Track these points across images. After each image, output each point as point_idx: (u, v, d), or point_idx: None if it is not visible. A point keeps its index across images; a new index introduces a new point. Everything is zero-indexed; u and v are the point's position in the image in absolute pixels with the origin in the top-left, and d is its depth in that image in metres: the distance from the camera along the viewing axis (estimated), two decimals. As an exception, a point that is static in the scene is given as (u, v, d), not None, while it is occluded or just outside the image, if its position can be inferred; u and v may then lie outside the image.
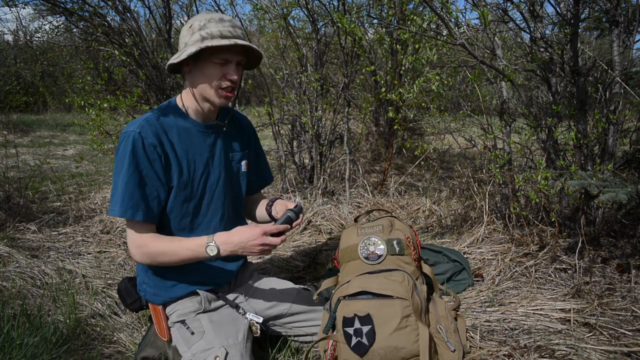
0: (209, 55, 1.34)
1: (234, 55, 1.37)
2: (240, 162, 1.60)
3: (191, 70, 1.39)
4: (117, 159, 1.35)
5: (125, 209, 1.31)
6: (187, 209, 1.45)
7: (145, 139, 1.33)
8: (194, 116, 1.46)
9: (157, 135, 1.36)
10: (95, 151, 3.73)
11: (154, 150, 1.34)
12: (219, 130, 1.52)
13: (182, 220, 1.45)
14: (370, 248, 1.53)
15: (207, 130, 1.48)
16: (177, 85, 3.33)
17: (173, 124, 1.42)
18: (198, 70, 1.38)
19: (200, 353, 1.35)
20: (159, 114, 1.41)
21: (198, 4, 4.82)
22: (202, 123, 1.47)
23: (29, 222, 2.95)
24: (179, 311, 1.46)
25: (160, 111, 1.43)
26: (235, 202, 1.60)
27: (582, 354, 1.45)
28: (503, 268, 2.11)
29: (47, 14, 3.83)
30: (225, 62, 1.36)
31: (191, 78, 1.41)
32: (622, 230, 2.28)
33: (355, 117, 4.30)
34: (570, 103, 2.29)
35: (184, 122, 1.44)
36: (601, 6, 2.12)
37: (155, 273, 1.46)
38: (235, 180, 1.59)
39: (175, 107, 1.45)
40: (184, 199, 1.43)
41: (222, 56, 1.35)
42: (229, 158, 1.56)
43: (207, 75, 1.37)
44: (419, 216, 3.04)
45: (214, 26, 1.33)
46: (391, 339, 1.27)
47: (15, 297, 1.98)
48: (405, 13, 3.26)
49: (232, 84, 1.39)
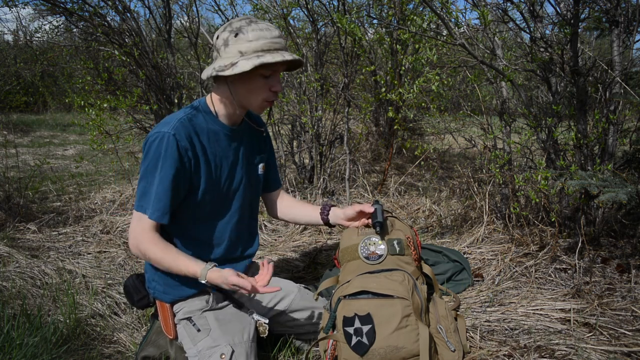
0: (259, 68, 1.31)
1: (282, 66, 1.38)
2: (258, 165, 1.62)
3: (234, 81, 1.37)
4: (148, 156, 1.33)
5: (154, 211, 1.32)
6: (209, 211, 1.46)
7: (180, 142, 1.33)
8: (224, 119, 1.46)
9: (190, 138, 1.36)
10: (95, 151, 3.73)
11: (186, 153, 1.34)
12: (243, 133, 1.53)
13: (204, 222, 1.46)
14: (370, 248, 1.53)
15: (234, 134, 1.49)
16: (177, 85, 3.33)
17: (204, 127, 1.42)
18: (242, 81, 1.36)
19: (206, 350, 1.35)
20: (191, 116, 1.40)
21: (198, 4, 4.82)
22: (229, 127, 1.47)
23: (29, 222, 2.95)
24: (185, 308, 1.46)
25: (192, 112, 1.42)
26: (252, 204, 1.62)
27: (582, 354, 1.45)
28: (503, 268, 2.11)
29: (47, 14, 3.83)
30: (271, 74, 1.36)
31: (233, 87, 1.38)
32: (622, 230, 2.28)
33: (355, 117, 4.31)
34: (570, 103, 2.29)
35: (213, 125, 1.44)
36: (601, 6, 2.12)
37: (164, 271, 1.46)
38: (255, 183, 1.61)
39: (206, 109, 1.45)
40: (208, 201, 1.44)
41: (272, 68, 1.35)
42: (250, 161, 1.57)
43: (252, 88, 1.37)
44: (419, 216, 3.04)
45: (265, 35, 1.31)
46: (391, 338, 1.27)
47: (15, 297, 1.98)
48: (405, 13, 3.26)
49: (275, 96, 1.40)
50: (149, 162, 1.33)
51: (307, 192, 3.36)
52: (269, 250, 2.59)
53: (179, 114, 1.40)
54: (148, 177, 1.33)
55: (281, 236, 2.79)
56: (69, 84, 4.93)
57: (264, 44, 1.31)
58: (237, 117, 1.48)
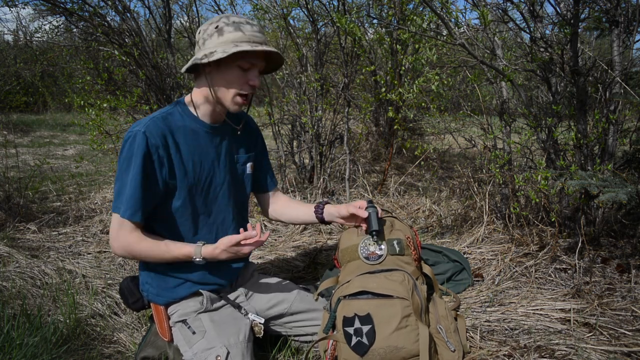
0: (236, 58, 1.32)
1: (260, 60, 1.37)
2: (245, 164, 1.60)
3: (212, 72, 1.37)
4: (122, 157, 1.34)
5: (125, 209, 1.32)
6: (192, 211, 1.45)
7: (150, 139, 1.32)
8: (204, 117, 1.45)
9: (163, 136, 1.35)
10: (95, 151, 3.73)
11: (156, 150, 1.34)
12: (226, 131, 1.51)
13: (186, 221, 1.45)
14: (370, 248, 1.53)
15: (215, 131, 1.47)
16: (177, 85, 3.33)
17: (180, 125, 1.41)
18: (220, 72, 1.36)
19: (202, 352, 1.35)
20: (167, 114, 1.40)
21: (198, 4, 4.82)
22: (210, 124, 1.46)
23: (29, 222, 2.95)
24: (180, 311, 1.45)
25: (168, 111, 1.42)
26: (239, 204, 1.60)
27: (582, 354, 1.45)
28: (503, 268, 2.11)
29: (47, 14, 3.83)
30: (249, 67, 1.36)
31: (210, 79, 1.38)
32: (622, 230, 2.28)
33: (355, 117, 4.30)
34: (570, 103, 2.29)
35: (191, 123, 1.43)
36: (601, 6, 2.12)
37: (158, 273, 1.46)
38: (240, 183, 1.59)
39: (184, 107, 1.45)
40: (188, 200, 1.43)
41: (250, 60, 1.34)
42: (234, 160, 1.55)
43: (228, 79, 1.36)
44: (419, 216, 3.04)
45: (245, 29, 1.32)
46: (391, 338, 1.27)
47: (15, 297, 1.98)
48: (405, 13, 3.26)
49: (252, 90, 1.39)
50: (122, 162, 1.34)
51: (307, 192, 3.36)
52: (269, 250, 2.59)
53: (154, 113, 1.40)
54: (121, 176, 1.34)
55: (281, 236, 2.79)
56: (69, 84, 4.92)
57: (242, 36, 1.32)
58: (218, 115, 1.47)
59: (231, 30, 1.32)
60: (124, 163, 1.33)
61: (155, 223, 1.42)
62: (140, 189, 1.32)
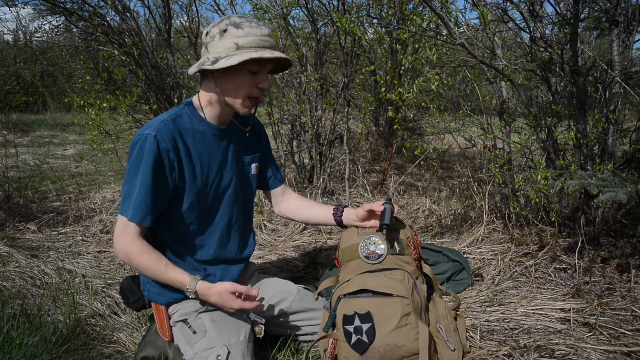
0: (246, 63, 1.31)
1: (269, 63, 1.37)
2: (250, 165, 1.60)
3: (220, 77, 1.35)
4: (131, 159, 1.33)
5: (135, 214, 1.31)
6: (199, 213, 1.45)
7: (161, 143, 1.32)
8: (211, 119, 1.44)
9: (173, 140, 1.35)
10: (95, 151, 3.73)
11: (167, 154, 1.33)
12: (233, 133, 1.51)
13: (192, 223, 1.45)
14: (371, 248, 1.53)
15: (222, 134, 1.47)
16: (177, 85, 3.34)
17: (189, 127, 1.40)
18: (229, 76, 1.34)
19: (203, 352, 1.35)
20: (176, 116, 1.39)
21: (198, 4, 4.82)
22: (217, 126, 1.46)
23: (29, 222, 2.95)
24: (181, 311, 1.45)
25: (177, 113, 1.41)
26: (245, 204, 1.60)
27: (582, 354, 1.45)
28: (503, 268, 2.11)
29: (47, 14, 3.83)
30: (259, 70, 1.35)
31: (219, 82, 1.36)
32: (622, 230, 2.28)
33: (355, 117, 4.30)
34: (570, 103, 2.29)
35: (200, 125, 1.43)
36: (601, 6, 2.12)
37: None
38: (247, 184, 1.60)
39: (193, 109, 1.44)
40: (196, 203, 1.43)
41: (260, 65, 1.34)
42: (240, 161, 1.55)
43: (238, 83, 1.35)
44: (419, 216, 3.04)
45: (254, 33, 1.31)
46: (391, 337, 1.27)
47: (15, 297, 1.98)
48: (405, 13, 3.26)
49: (261, 93, 1.38)
50: (131, 165, 1.33)
51: (307, 192, 3.36)
52: (269, 250, 2.59)
53: (163, 116, 1.39)
54: (131, 180, 1.33)
55: (281, 236, 2.79)
56: (69, 84, 4.92)
57: (252, 41, 1.30)
58: (226, 117, 1.46)
59: (240, 35, 1.30)
60: (133, 166, 1.32)
61: (159, 226, 1.41)
62: (151, 193, 1.31)
